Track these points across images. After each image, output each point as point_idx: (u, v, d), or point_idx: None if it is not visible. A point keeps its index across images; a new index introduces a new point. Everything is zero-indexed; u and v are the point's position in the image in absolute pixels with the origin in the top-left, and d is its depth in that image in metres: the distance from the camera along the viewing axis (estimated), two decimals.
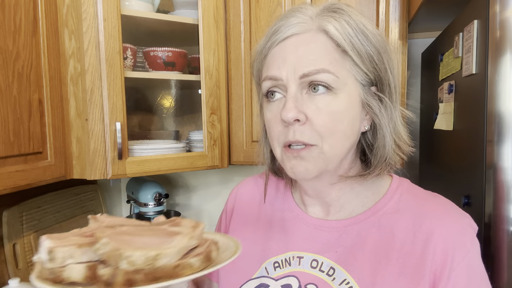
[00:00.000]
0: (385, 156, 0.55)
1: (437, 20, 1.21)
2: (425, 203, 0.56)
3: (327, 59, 0.51)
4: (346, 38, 0.51)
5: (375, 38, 0.52)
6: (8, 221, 1.10)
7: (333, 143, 0.52)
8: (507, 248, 0.65)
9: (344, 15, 0.52)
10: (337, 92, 0.51)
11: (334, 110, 0.51)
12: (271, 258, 0.61)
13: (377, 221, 0.56)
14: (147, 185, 1.41)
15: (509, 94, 0.64)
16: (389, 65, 0.54)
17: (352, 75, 0.52)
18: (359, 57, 0.51)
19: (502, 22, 0.64)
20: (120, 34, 1.05)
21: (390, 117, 0.55)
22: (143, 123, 1.62)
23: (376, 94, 0.54)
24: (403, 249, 0.53)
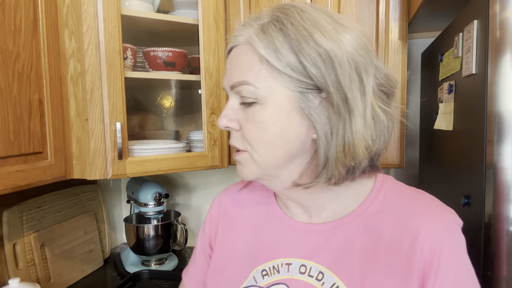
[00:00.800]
0: (326, 169, 0.51)
1: (437, 20, 1.21)
2: (410, 201, 0.56)
3: (251, 71, 0.51)
4: (271, 50, 0.49)
5: (324, 43, 0.48)
6: (8, 221, 1.11)
7: (260, 152, 0.53)
8: (507, 248, 0.65)
9: (278, 23, 0.50)
10: (263, 103, 0.51)
11: (258, 120, 0.52)
12: (259, 266, 0.60)
13: (363, 222, 0.56)
14: (147, 185, 1.41)
15: (509, 94, 0.64)
16: (342, 73, 0.48)
17: (281, 85, 0.50)
18: (287, 67, 0.49)
19: (502, 22, 0.64)
20: (120, 34, 1.05)
21: (338, 128, 0.50)
22: (143, 123, 1.62)
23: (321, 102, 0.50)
24: (390, 249, 0.53)
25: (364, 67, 0.50)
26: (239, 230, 0.67)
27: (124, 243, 1.76)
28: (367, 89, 0.50)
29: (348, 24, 0.52)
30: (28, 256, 1.16)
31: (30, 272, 1.16)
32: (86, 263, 1.41)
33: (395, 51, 1.19)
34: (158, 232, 1.41)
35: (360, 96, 0.50)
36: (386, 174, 0.61)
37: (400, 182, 0.61)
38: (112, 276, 1.42)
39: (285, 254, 0.59)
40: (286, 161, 0.54)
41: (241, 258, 0.63)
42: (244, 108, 0.54)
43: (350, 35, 0.50)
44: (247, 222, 0.66)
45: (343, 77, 0.48)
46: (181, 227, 1.45)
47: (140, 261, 1.48)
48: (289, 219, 0.62)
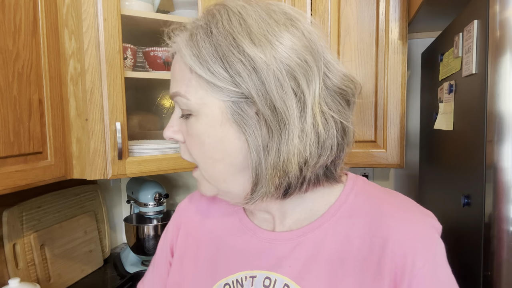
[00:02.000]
0: (260, 182, 0.47)
1: (437, 20, 1.21)
2: (382, 203, 0.51)
3: (182, 81, 0.49)
4: (195, 60, 0.46)
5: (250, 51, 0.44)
6: (8, 221, 1.11)
7: (204, 167, 0.51)
8: (507, 248, 0.65)
9: (208, 29, 0.47)
10: (196, 114, 0.49)
11: (195, 133, 0.49)
12: (221, 280, 0.56)
13: (332, 228, 0.51)
14: (147, 185, 1.41)
15: (509, 94, 0.64)
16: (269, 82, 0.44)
17: (211, 95, 0.47)
18: (214, 77, 0.45)
19: (502, 22, 0.64)
20: (120, 34, 1.05)
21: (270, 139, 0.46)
22: (143, 123, 1.62)
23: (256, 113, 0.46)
24: (359, 257, 0.48)
25: (303, 72, 0.45)
26: (201, 240, 0.62)
27: (124, 243, 1.76)
28: (307, 97, 0.45)
29: (292, 23, 0.47)
30: (28, 256, 1.16)
31: (30, 272, 1.16)
32: (86, 263, 1.41)
33: (395, 51, 1.19)
34: (158, 232, 1.41)
35: (296, 105, 0.45)
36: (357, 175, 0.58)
37: (373, 183, 0.56)
38: (112, 276, 1.42)
39: (250, 266, 0.55)
40: (233, 174, 0.50)
41: (202, 270, 0.59)
42: (184, 120, 0.51)
43: (290, 37, 0.46)
44: (210, 232, 0.62)
45: (270, 87, 0.44)
46: None
47: (140, 261, 1.48)
48: (255, 227, 0.57)
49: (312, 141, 0.46)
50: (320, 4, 1.22)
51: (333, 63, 0.49)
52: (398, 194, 0.54)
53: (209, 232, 0.62)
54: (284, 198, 0.50)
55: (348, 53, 1.23)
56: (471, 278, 0.73)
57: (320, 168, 0.50)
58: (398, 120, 1.21)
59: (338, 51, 1.24)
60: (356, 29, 1.21)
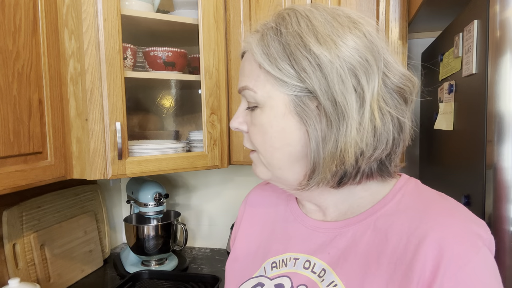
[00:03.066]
0: (317, 170, 0.52)
1: (437, 20, 1.21)
2: (427, 204, 0.52)
3: (251, 76, 0.55)
4: (265, 58, 0.52)
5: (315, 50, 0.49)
6: (8, 221, 1.11)
7: (264, 153, 0.56)
8: (507, 248, 0.65)
9: (271, 32, 0.52)
10: (262, 107, 0.54)
11: (259, 123, 0.55)
12: (270, 258, 0.63)
13: (373, 223, 0.54)
14: (147, 185, 1.41)
15: (509, 94, 0.64)
16: (331, 79, 0.49)
17: (277, 90, 0.52)
18: (282, 73, 0.51)
19: (502, 22, 0.64)
20: (120, 34, 1.05)
21: (329, 131, 0.50)
22: (143, 123, 1.62)
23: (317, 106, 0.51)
24: (395, 254, 0.50)
25: (363, 70, 0.49)
26: (258, 224, 0.70)
27: (124, 243, 1.76)
28: (366, 93, 0.49)
29: (355, 25, 0.51)
30: (28, 256, 1.16)
31: (30, 272, 1.16)
32: (86, 263, 1.41)
33: (395, 51, 1.19)
34: (158, 232, 1.41)
35: (356, 100, 0.49)
36: None
37: (426, 186, 0.58)
38: (112, 276, 1.42)
39: (295, 249, 0.61)
40: (289, 163, 0.55)
41: (256, 249, 0.67)
42: (249, 111, 0.57)
43: (353, 38, 0.50)
44: (266, 217, 0.70)
45: (332, 83, 0.49)
46: (181, 227, 1.45)
47: (140, 261, 1.48)
48: (303, 216, 0.64)
49: (369, 134, 0.50)
50: None
51: (392, 63, 0.53)
52: (450, 199, 0.53)
53: (266, 217, 0.70)
54: (338, 187, 0.54)
55: None
56: None
57: (374, 162, 0.53)
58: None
59: None
60: None
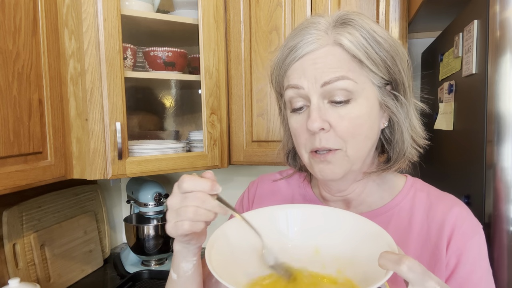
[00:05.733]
0: (404, 150, 0.60)
1: (437, 20, 1.21)
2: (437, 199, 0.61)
3: (345, 67, 0.55)
4: (361, 49, 0.55)
5: (387, 43, 0.56)
6: (8, 221, 1.11)
7: (356, 146, 0.57)
8: (507, 248, 0.65)
9: (356, 26, 0.55)
10: (357, 98, 0.55)
11: (354, 115, 0.56)
12: None
13: (396, 215, 0.61)
14: (147, 185, 1.41)
15: (509, 94, 0.64)
16: (401, 66, 0.57)
17: (369, 80, 0.56)
18: (374, 64, 0.55)
19: (502, 22, 0.64)
20: (120, 34, 1.05)
21: (406, 113, 0.59)
22: (143, 123, 1.62)
23: (392, 93, 0.58)
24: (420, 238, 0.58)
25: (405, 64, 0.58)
26: None
27: (124, 243, 1.76)
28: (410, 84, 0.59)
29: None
30: (28, 256, 1.16)
31: (30, 272, 1.16)
32: (86, 263, 1.41)
33: None
34: (158, 232, 1.41)
35: (410, 89, 0.59)
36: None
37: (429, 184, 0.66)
38: (112, 276, 1.42)
39: None
40: (370, 151, 0.60)
41: None
42: (334, 106, 0.56)
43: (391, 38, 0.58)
44: None
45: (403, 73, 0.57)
46: None
47: (140, 261, 1.48)
48: None
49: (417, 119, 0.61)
50: (320, 4, 1.22)
51: None
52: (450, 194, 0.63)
53: None
54: (387, 171, 0.62)
55: None
56: None
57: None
58: None
59: None
60: None
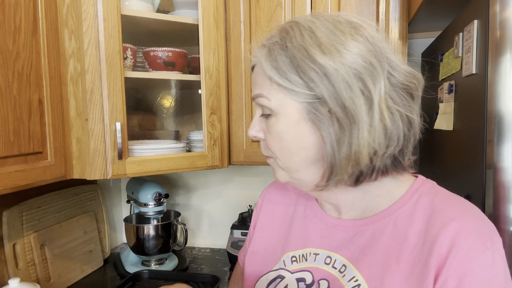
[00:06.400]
0: (334, 172, 0.54)
1: (437, 20, 1.21)
2: (442, 206, 0.55)
3: (264, 85, 0.57)
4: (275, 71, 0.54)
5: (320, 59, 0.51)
6: (8, 221, 1.11)
7: (281, 158, 0.59)
8: (507, 248, 0.65)
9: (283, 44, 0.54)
10: (276, 114, 0.56)
11: (275, 130, 0.57)
12: (290, 252, 0.66)
13: (392, 223, 0.57)
14: (147, 185, 1.41)
15: (509, 94, 0.64)
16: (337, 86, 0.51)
17: (289, 98, 0.54)
18: (290, 83, 0.53)
19: (502, 22, 0.64)
20: (120, 34, 1.05)
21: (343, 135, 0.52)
22: (143, 123, 1.62)
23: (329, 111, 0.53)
24: (414, 252, 0.53)
25: (368, 73, 0.51)
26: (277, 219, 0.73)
27: (124, 243, 1.76)
28: (374, 95, 0.51)
29: (356, 31, 0.53)
30: (28, 256, 1.16)
31: (30, 272, 1.16)
32: (86, 263, 1.41)
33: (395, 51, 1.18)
34: (158, 232, 1.41)
35: (364, 103, 0.51)
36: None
37: (442, 188, 0.60)
38: (112, 276, 1.42)
39: (315, 244, 0.64)
40: (305, 165, 0.57)
41: (275, 243, 0.70)
42: (264, 119, 0.60)
43: (356, 44, 0.52)
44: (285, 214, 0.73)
45: (339, 89, 0.51)
46: (181, 227, 1.45)
47: (140, 261, 1.48)
48: (322, 213, 0.66)
49: (380, 133, 0.52)
50: (320, 4, 1.22)
51: (396, 62, 0.55)
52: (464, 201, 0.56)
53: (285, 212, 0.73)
54: (356, 185, 0.56)
55: None
56: None
57: (388, 158, 0.55)
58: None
59: None
60: None
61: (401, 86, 0.54)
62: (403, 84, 0.54)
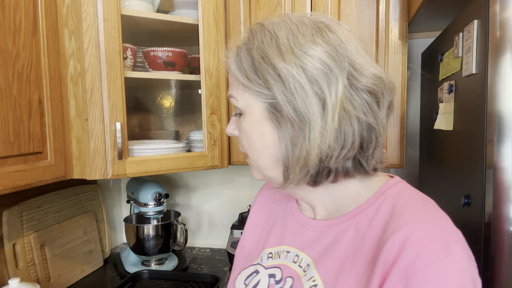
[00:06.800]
0: (287, 171, 0.55)
1: (437, 20, 1.21)
2: (401, 210, 0.52)
3: (234, 86, 0.60)
4: (239, 72, 0.57)
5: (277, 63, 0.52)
6: (8, 221, 1.11)
7: (251, 156, 0.61)
8: (507, 248, 0.65)
9: (248, 46, 0.56)
10: (244, 114, 0.59)
11: (243, 129, 0.60)
12: (268, 248, 0.69)
13: (355, 225, 0.56)
14: (147, 185, 1.41)
15: (509, 94, 0.64)
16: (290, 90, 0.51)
17: (252, 98, 0.57)
18: (252, 84, 0.55)
19: (502, 22, 0.64)
20: (120, 34, 1.05)
21: (296, 136, 0.53)
22: (143, 123, 1.62)
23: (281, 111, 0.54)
24: (368, 255, 0.52)
25: (325, 77, 0.51)
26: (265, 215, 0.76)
27: (124, 243, 1.76)
28: (328, 98, 0.51)
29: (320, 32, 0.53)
30: (28, 256, 1.16)
31: (30, 272, 1.16)
32: (86, 263, 1.41)
33: (395, 51, 1.19)
34: (158, 232, 1.41)
35: (317, 105, 0.51)
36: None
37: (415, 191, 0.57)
38: (112, 276, 1.42)
39: (288, 242, 0.66)
40: (272, 164, 0.58)
41: (259, 238, 0.73)
42: (238, 118, 0.62)
43: (315, 46, 0.52)
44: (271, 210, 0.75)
45: (292, 91, 0.52)
46: (181, 227, 1.45)
47: (140, 261, 1.48)
48: (298, 212, 0.68)
49: (332, 136, 0.52)
50: (320, 4, 1.22)
51: (361, 64, 0.54)
52: (432, 206, 0.54)
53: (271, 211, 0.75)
54: (315, 185, 0.57)
55: None
56: None
57: (347, 161, 0.55)
58: (398, 120, 1.21)
59: None
60: (356, 29, 1.21)
61: (366, 89, 0.53)
62: (368, 87, 0.53)
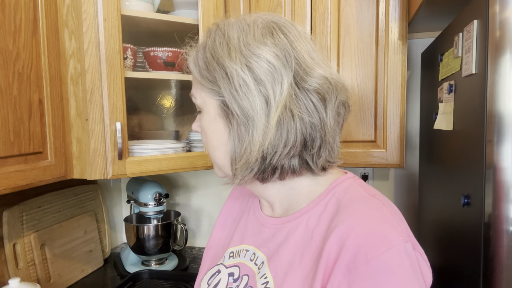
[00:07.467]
0: (234, 166, 0.57)
1: (437, 20, 1.21)
2: (345, 206, 0.54)
3: (194, 84, 0.62)
4: (195, 69, 0.58)
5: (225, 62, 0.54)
6: (8, 221, 1.11)
7: (209, 153, 0.63)
8: (506, 248, 0.65)
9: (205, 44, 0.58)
10: (202, 111, 0.61)
11: (201, 126, 0.62)
12: (230, 248, 0.69)
13: (305, 221, 0.57)
14: (147, 185, 1.41)
15: (508, 94, 0.64)
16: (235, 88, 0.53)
17: (207, 95, 0.58)
18: (206, 82, 0.57)
19: (502, 22, 0.64)
20: (120, 34, 1.05)
21: (242, 133, 0.54)
22: (143, 123, 1.62)
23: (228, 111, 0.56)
24: (315, 252, 0.52)
25: (271, 77, 0.52)
26: (233, 214, 0.76)
27: (124, 243, 1.76)
28: (272, 97, 0.52)
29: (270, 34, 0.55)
30: (28, 256, 1.17)
31: (30, 272, 1.17)
32: (86, 263, 1.41)
33: (395, 51, 1.19)
34: (158, 232, 1.41)
35: (262, 105, 0.52)
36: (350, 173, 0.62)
37: (361, 187, 0.58)
38: (112, 276, 1.42)
39: (247, 241, 0.67)
40: (227, 160, 0.59)
41: (225, 238, 0.73)
42: (199, 115, 0.63)
43: (262, 47, 0.53)
44: (238, 209, 0.76)
45: (237, 90, 0.53)
46: (181, 227, 1.45)
47: (140, 261, 1.48)
48: (258, 210, 0.69)
49: (274, 135, 0.53)
50: (320, 4, 1.22)
51: (309, 65, 0.55)
52: (376, 202, 0.54)
53: (237, 210, 0.76)
54: (263, 182, 0.58)
55: (348, 53, 1.23)
56: (471, 278, 0.73)
57: (293, 159, 0.56)
58: (398, 120, 1.21)
59: (338, 51, 1.24)
60: (356, 29, 1.22)
61: (313, 89, 0.54)
62: (314, 87, 0.54)
